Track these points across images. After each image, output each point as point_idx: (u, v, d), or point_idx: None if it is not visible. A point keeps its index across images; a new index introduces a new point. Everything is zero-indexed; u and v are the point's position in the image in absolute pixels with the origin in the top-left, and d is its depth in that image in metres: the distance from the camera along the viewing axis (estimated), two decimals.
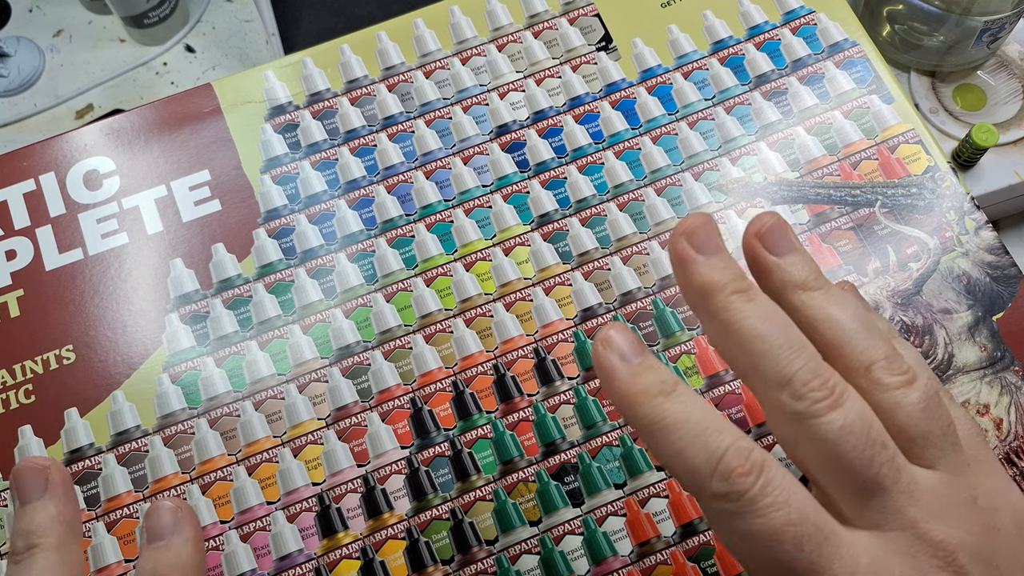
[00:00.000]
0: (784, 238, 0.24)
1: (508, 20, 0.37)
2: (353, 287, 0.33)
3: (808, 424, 0.21)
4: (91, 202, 0.35)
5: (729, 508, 0.20)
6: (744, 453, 0.21)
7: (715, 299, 0.22)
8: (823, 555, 0.20)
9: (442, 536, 0.30)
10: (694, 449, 0.21)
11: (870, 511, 0.21)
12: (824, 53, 0.36)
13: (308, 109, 0.36)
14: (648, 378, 0.22)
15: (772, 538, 0.20)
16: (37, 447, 0.31)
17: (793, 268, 0.23)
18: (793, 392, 0.21)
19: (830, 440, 0.21)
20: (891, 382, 0.22)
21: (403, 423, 0.31)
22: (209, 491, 0.30)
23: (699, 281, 0.23)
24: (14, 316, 0.33)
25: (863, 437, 0.21)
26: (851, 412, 0.21)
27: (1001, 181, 0.48)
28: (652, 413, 0.22)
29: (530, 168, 0.35)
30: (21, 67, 0.63)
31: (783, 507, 0.20)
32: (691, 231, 0.23)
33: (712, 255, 0.23)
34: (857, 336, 0.23)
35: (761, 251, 0.24)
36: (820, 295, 0.23)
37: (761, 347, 0.22)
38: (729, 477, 0.20)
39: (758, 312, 0.22)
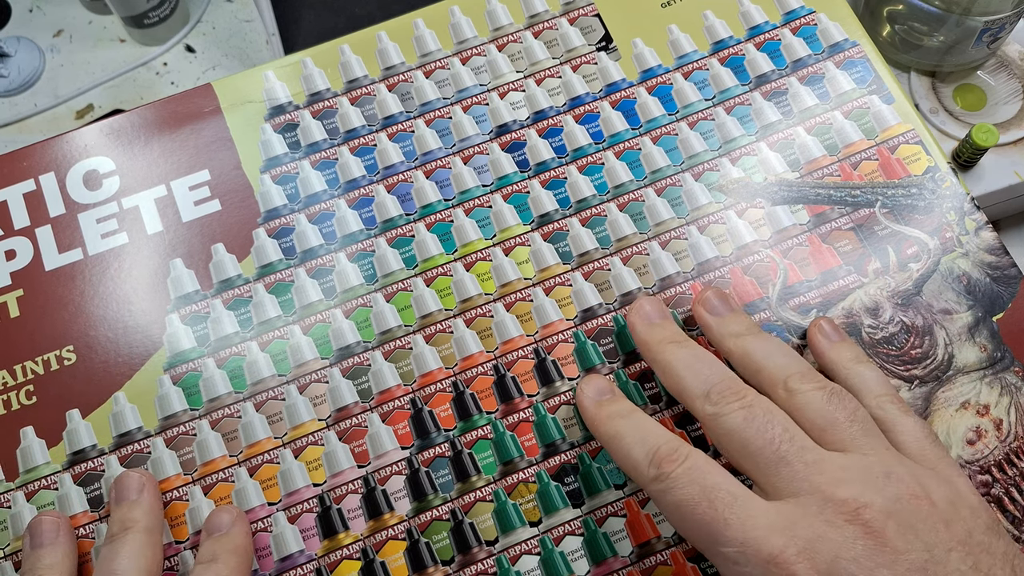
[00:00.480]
0: (722, 302, 0.30)
1: (508, 20, 0.37)
2: (353, 287, 0.33)
3: (721, 421, 0.26)
4: (91, 202, 0.35)
5: (661, 487, 0.26)
6: (673, 446, 0.26)
7: (655, 348, 0.29)
8: (735, 513, 0.24)
9: (442, 537, 0.30)
10: (637, 448, 0.27)
11: (781, 482, 0.25)
12: (824, 53, 0.36)
13: (308, 109, 0.36)
14: (609, 407, 0.29)
15: (693, 503, 0.25)
16: (39, 448, 0.31)
17: (729, 322, 0.30)
18: (710, 400, 0.27)
19: (737, 428, 0.26)
20: (802, 388, 0.27)
21: (403, 424, 0.31)
22: (211, 492, 0.30)
23: (642, 338, 0.30)
24: (14, 316, 0.33)
25: (765, 422, 0.26)
26: (756, 407, 0.26)
27: (1001, 181, 0.48)
28: (610, 429, 0.28)
29: (530, 168, 0.35)
30: (21, 67, 0.63)
31: (700, 480, 0.25)
32: (639, 307, 0.30)
33: (656, 320, 0.30)
34: (776, 358, 0.28)
35: (703, 313, 0.30)
36: (750, 338, 0.29)
37: (687, 372, 0.28)
38: (660, 463, 0.26)
39: (688, 351, 0.29)
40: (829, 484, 0.24)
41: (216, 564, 0.28)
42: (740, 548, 0.24)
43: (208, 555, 0.28)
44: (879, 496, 0.24)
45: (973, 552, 0.24)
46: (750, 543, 0.23)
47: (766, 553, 0.23)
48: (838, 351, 0.30)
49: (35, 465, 0.31)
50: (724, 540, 0.24)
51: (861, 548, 0.23)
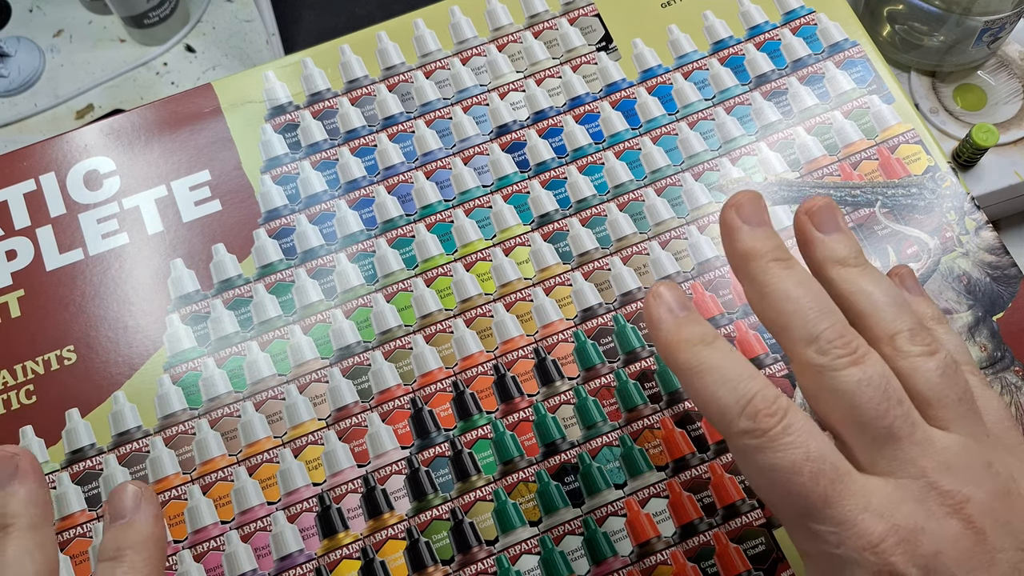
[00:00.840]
0: (831, 219, 0.26)
1: (508, 20, 0.37)
2: (353, 287, 0.33)
3: (829, 376, 0.23)
4: (91, 202, 0.35)
5: (753, 444, 0.22)
6: (771, 398, 0.23)
7: (756, 263, 0.25)
8: (837, 491, 0.22)
9: (442, 536, 0.30)
10: (725, 391, 0.23)
11: (884, 459, 0.23)
12: (824, 53, 0.36)
13: (308, 109, 0.36)
14: (691, 329, 0.24)
15: (791, 470, 0.22)
16: (38, 448, 0.31)
17: (836, 245, 0.26)
18: (819, 348, 0.23)
19: (848, 391, 0.23)
20: (912, 350, 0.24)
21: (403, 423, 0.31)
22: (210, 491, 0.30)
23: (742, 247, 0.25)
24: (15, 316, 0.33)
25: (879, 390, 0.23)
26: (870, 368, 0.23)
27: (1001, 181, 0.48)
28: (692, 359, 0.24)
29: (530, 168, 0.35)
30: (21, 67, 0.63)
31: (802, 445, 0.22)
32: (740, 204, 0.25)
33: (757, 226, 0.25)
34: (886, 308, 0.25)
35: (808, 226, 0.26)
36: (856, 271, 0.25)
37: (793, 307, 0.24)
38: (756, 416, 0.22)
39: (794, 278, 0.24)
40: (934, 470, 0.23)
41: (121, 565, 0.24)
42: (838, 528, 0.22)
43: (111, 550, 0.25)
44: (981, 490, 0.23)
45: None
46: (850, 526, 0.22)
47: (866, 539, 0.22)
48: (918, 306, 0.27)
49: None
50: (821, 517, 0.22)
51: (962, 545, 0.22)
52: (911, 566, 0.21)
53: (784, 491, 0.22)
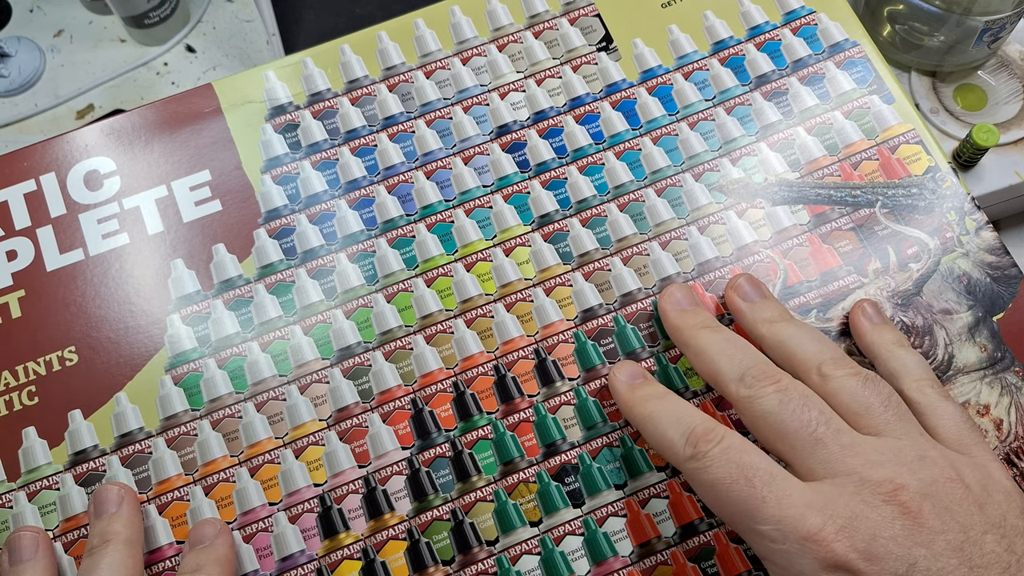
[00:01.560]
0: (755, 289, 0.31)
1: (509, 20, 0.37)
2: (354, 287, 0.33)
3: (757, 403, 0.26)
4: (92, 202, 0.35)
5: (697, 466, 0.26)
6: (709, 425, 0.26)
7: (688, 332, 0.29)
8: (772, 490, 0.24)
9: (443, 536, 0.30)
10: (672, 429, 0.27)
11: (818, 464, 0.25)
12: (825, 53, 0.36)
13: (308, 109, 0.36)
14: (643, 390, 0.29)
15: (729, 480, 0.25)
16: (41, 449, 0.31)
17: (762, 308, 0.30)
18: (745, 383, 0.27)
19: (773, 411, 0.26)
20: (836, 373, 0.27)
21: (404, 424, 0.31)
22: (212, 492, 0.30)
23: (674, 323, 0.30)
24: (16, 317, 0.33)
25: (800, 404, 0.26)
26: (791, 391, 0.26)
27: (1002, 181, 0.48)
28: (643, 411, 0.28)
29: (531, 168, 0.35)
30: (22, 67, 0.63)
31: (736, 458, 0.25)
32: (671, 293, 0.31)
33: (688, 307, 0.30)
34: (809, 344, 0.28)
35: (735, 299, 0.31)
36: (781, 325, 0.29)
37: (721, 356, 0.28)
38: (696, 442, 0.26)
39: (721, 335, 0.29)
40: (865, 466, 0.25)
41: (200, 574, 0.28)
42: (777, 525, 0.24)
43: (192, 566, 0.28)
44: (914, 478, 0.24)
45: (1008, 535, 0.24)
46: (788, 520, 0.24)
47: (804, 530, 0.23)
48: (880, 333, 0.30)
49: (37, 465, 0.31)
50: (761, 518, 0.24)
51: (899, 527, 0.24)
52: (851, 551, 0.23)
53: (728, 501, 0.25)
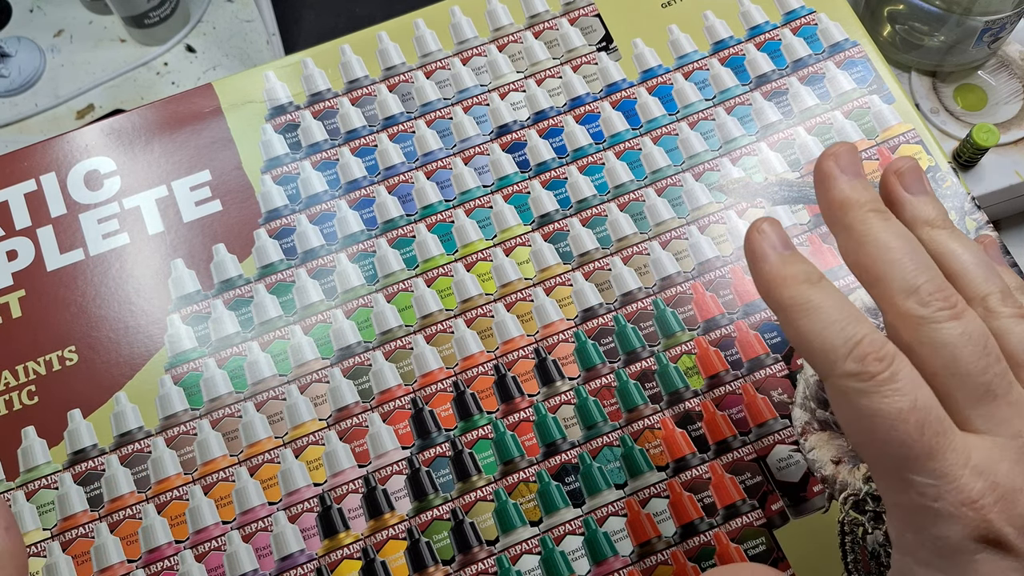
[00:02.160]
0: (918, 180, 0.26)
1: (509, 20, 0.37)
2: (354, 287, 0.33)
3: (930, 328, 0.23)
4: (92, 202, 0.35)
5: (859, 387, 0.22)
6: (879, 342, 0.22)
7: (854, 213, 0.24)
8: (941, 444, 0.22)
9: (443, 536, 0.30)
10: (833, 331, 0.23)
11: (980, 417, 0.22)
12: (825, 53, 0.36)
13: (309, 109, 0.36)
14: (797, 266, 0.24)
15: (898, 418, 0.22)
16: (40, 448, 0.31)
17: (924, 206, 0.26)
18: (919, 299, 0.23)
19: (950, 344, 0.22)
20: (1004, 311, 0.24)
21: (404, 423, 0.31)
22: (211, 492, 0.30)
23: (841, 196, 0.25)
24: (16, 317, 0.33)
25: (980, 346, 0.23)
26: (971, 324, 0.23)
27: (1002, 181, 0.48)
28: (798, 295, 0.23)
29: (531, 168, 0.35)
30: (22, 67, 0.63)
31: (910, 393, 0.22)
32: (838, 154, 0.25)
33: (854, 177, 0.25)
34: (976, 270, 0.25)
35: (897, 186, 0.26)
36: (945, 233, 0.25)
37: (892, 257, 0.23)
38: (864, 359, 0.22)
39: (892, 229, 0.24)
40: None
41: None
42: (938, 481, 0.22)
43: None
44: None
45: None
46: (951, 480, 0.21)
47: (965, 495, 0.21)
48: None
49: (36, 464, 0.31)
50: (922, 469, 0.22)
51: None
52: (1007, 525, 0.21)
53: (886, 439, 0.22)
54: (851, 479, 0.30)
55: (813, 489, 0.30)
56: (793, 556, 0.29)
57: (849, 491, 0.29)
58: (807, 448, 0.30)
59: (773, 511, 0.30)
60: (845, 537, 0.29)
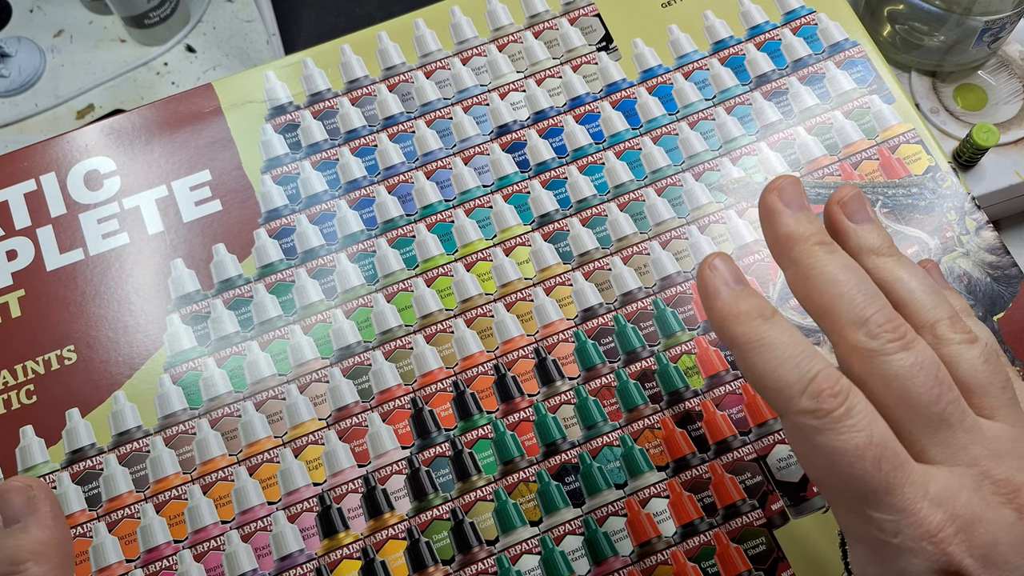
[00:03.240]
0: (862, 208, 0.26)
1: (509, 20, 0.37)
2: (354, 287, 0.33)
3: (881, 360, 0.23)
4: (92, 202, 0.35)
5: (815, 424, 0.22)
6: (834, 378, 0.22)
7: (800, 246, 0.24)
8: (897, 477, 0.21)
9: (443, 536, 0.30)
10: (787, 368, 0.22)
11: (936, 446, 0.22)
12: (825, 53, 0.36)
13: (309, 109, 0.36)
14: (750, 302, 0.24)
15: (854, 454, 0.21)
16: (39, 447, 0.31)
17: (869, 235, 0.26)
18: (868, 331, 0.23)
19: (901, 375, 0.22)
20: (954, 337, 0.24)
21: (404, 423, 0.31)
22: (210, 491, 0.30)
23: (785, 231, 0.25)
24: (15, 316, 0.33)
25: (931, 376, 0.22)
26: (921, 354, 0.23)
27: (1002, 181, 0.48)
28: (751, 332, 0.23)
29: (531, 168, 0.35)
30: (22, 67, 0.63)
31: (866, 428, 0.22)
32: (781, 188, 0.25)
33: (799, 210, 0.25)
34: (924, 296, 0.24)
35: (841, 216, 0.26)
36: (892, 261, 0.25)
37: (840, 290, 0.23)
38: (819, 396, 0.22)
39: (839, 261, 0.24)
40: (986, 458, 0.22)
41: None
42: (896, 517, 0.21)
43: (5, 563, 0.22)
44: None
45: None
46: (909, 514, 0.21)
47: (924, 529, 0.21)
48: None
49: (34, 464, 0.31)
50: (881, 505, 0.22)
51: (1018, 534, 0.22)
52: (967, 556, 0.21)
53: (844, 475, 0.22)
54: None
55: (813, 489, 0.30)
56: (793, 556, 0.29)
57: None
58: None
59: (773, 511, 0.30)
60: None
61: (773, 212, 0.25)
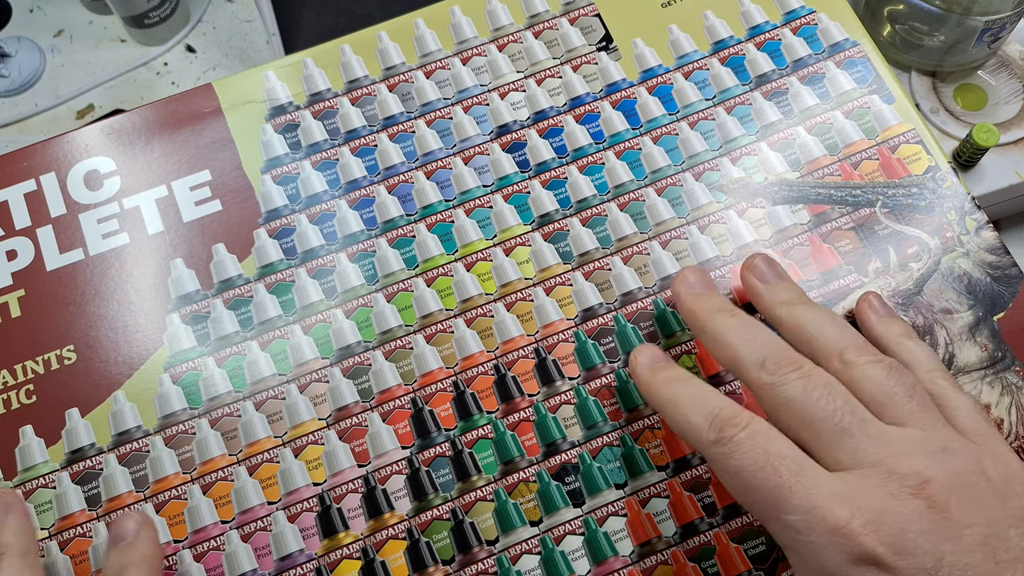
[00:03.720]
0: (771, 270, 0.30)
1: (509, 20, 0.37)
2: (354, 287, 0.33)
3: (780, 390, 0.26)
4: (92, 202, 0.35)
5: (722, 451, 0.25)
6: (734, 410, 0.26)
7: (702, 317, 0.28)
8: (800, 480, 0.24)
9: (443, 536, 0.30)
10: (696, 413, 0.26)
11: (844, 454, 0.25)
12: (825, 53, 0.36)
13: (309, 109, 0.36)
14: (665, 372, 0.28)
15: (756, 467, 0.24)
16: (38, 447, 0.31)
17: (778, 290, 0.29)
18: (766, 369, 0.26)
19: (797, 398, 0.26)
20: (858, 360, 0.27)
21: (404, 423, 0.31)
22: (210, 491, 0.30)
23: (687, 308, 0.29)
24: (15, 316, 0.33)
25: (825, 393, 0.25)
26: (815, 378, 0.26)
27: (1002, 181, 0.48)
28: (666, 393, 0.28)
29: (531, 168, 0.35)
30: (22, 67, 0.63)
31: (763, 445, 0.25)
32: (685, 277, 0.30)
33: (701, 291, 0.29)
34: (830, 330, 0.28)
35: (752, 280, 0.30)
36: (800, 307, 0.28)
37: (740, 342, 0.27)
38: (722, 427, 0.25)
39: (739, 320, 0.28)
40: (891, 457, 0.24)
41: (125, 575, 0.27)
42: (804, 516, 0.23)
43: (115, 567, 0.27)
44: (940, 470, 0.24)
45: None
46: (815, 511, 0.23)
47: (831, 523, 0.23)
48: (887, 325, 0.29)
49: (33, 464, 0.31)
50: (788, 507, 0.24)
51: (927, 521, 0.23)
52: (879, 545, 0.23)
53: (753, 489, 0.24)
54: None
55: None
56: None
57: None
58: None
59: None
60: None
61: (677, 297, 0.30)
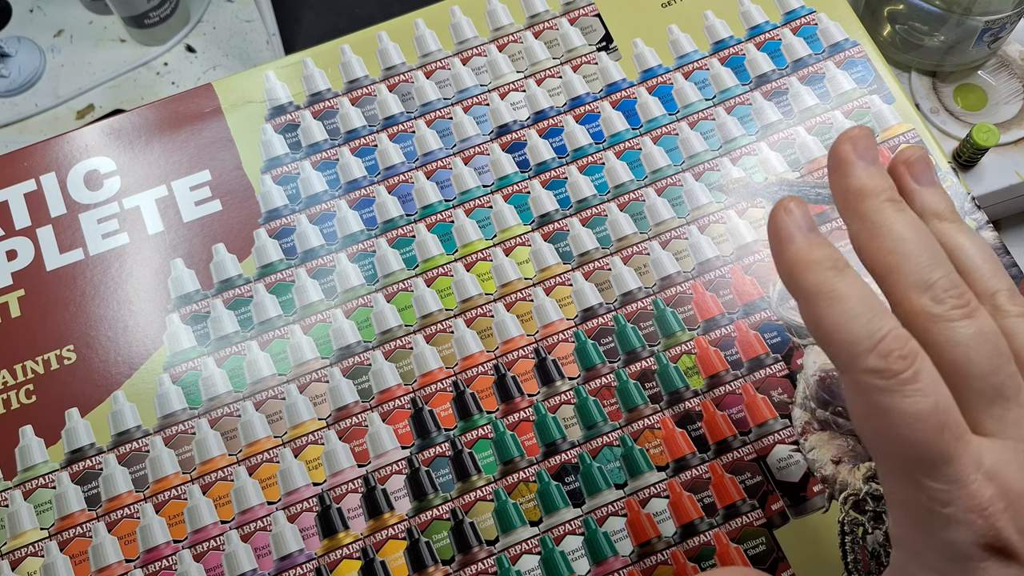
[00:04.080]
0: (927, 171, 0.25)
1: (509, 20, 0.37)
2: (354, 287, 0.33)
3: (944, 327, 0.22)
4: (92, 202, 0.35)
5: (880, 384, 0.21)
6: (904, 339, 0.22)
7: (869, 201, 0.24)
8: (956, 446, 0.21)
9: (443, 536, 0.30)
10: (857, 323, 0.22)
11: (991, 419, 0.22)
12: (825, 53, 0.36)
13: (309, 109, 0.36)
14: (823, 251, 0.23)
15: (917, 419, 0.21)
16: (38, 447, 0.31)
17: (933, 197, 0.25)
18: (934, 296, 0.22)
19: (963, 343, 0.22)
20: (1012, 310, 0.23)
21: (404, 423, 0.31)
22: (210, 491, 0.30)
23: (857, 184, 0.24)
24: (15, 316, 0.33)
25: (993, 346, 0.22)
26: (984, 323, 0.22)
27: (1002, 181, 0.48)
28: (823, 282, 0.22)
29: (531, 168, 0.35)
30: (22, 67, 0.63)
31: (932, 395, 0.21)
32: (856, 138, 0.24)
33: (871, 164, 0.24)
34: (985, 265, 0.24)
35: (907, 177, 0.25)
36: (954, 227, 0.24)
37: (907, 249, 0.23)
38: (888, 355, 0.21)
39: (907, 220, 0.23)
40: None
41: None
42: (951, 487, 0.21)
43: None
44: None
45: None
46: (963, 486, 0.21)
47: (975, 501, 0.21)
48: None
49: (33, 464, 0.31)
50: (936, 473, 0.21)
51: None
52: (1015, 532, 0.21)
53: (901, 438, 0.21)
54: (851, 479, 0.30)
55: (813, 489, 0.30)
56: (793, 556, 0.29)
57: (849, 491, 0.29)
58: (807, 448, 0.30)
59: (773, 511, 0.30)
60: (845, 537, 0.29)
61: (845, 163, 0.24)
